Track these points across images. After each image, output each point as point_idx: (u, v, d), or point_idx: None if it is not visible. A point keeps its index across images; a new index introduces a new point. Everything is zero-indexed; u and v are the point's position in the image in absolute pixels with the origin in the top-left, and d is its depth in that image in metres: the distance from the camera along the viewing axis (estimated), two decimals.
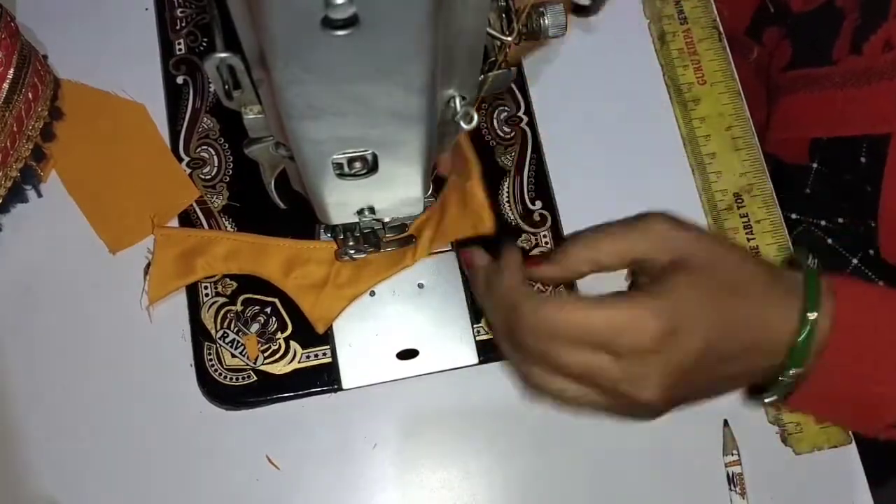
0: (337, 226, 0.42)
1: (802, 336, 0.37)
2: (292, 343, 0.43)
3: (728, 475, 0.43)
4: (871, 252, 0.51)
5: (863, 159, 0.49)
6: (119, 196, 0.45)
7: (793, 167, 0.53)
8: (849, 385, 0.38)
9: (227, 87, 0.31)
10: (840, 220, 0.52)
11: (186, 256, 0.44)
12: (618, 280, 0.43)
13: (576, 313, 0.36)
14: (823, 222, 0.52)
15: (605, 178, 0.47)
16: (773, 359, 0.38)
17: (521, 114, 0.48)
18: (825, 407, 0.41)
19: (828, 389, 0.38)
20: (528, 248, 0.46)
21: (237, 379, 0.43)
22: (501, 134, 0.47)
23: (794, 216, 0.53)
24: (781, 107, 0.55)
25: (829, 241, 0.52)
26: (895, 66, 0.47)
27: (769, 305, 0.38)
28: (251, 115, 0.34)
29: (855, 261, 0.51)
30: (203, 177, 0.46)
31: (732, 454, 0.44)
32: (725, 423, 0.44)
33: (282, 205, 0.44)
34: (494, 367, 0.44)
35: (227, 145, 0.46)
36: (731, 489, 0.43)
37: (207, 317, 0.43)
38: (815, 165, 0.52)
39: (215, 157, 0.46)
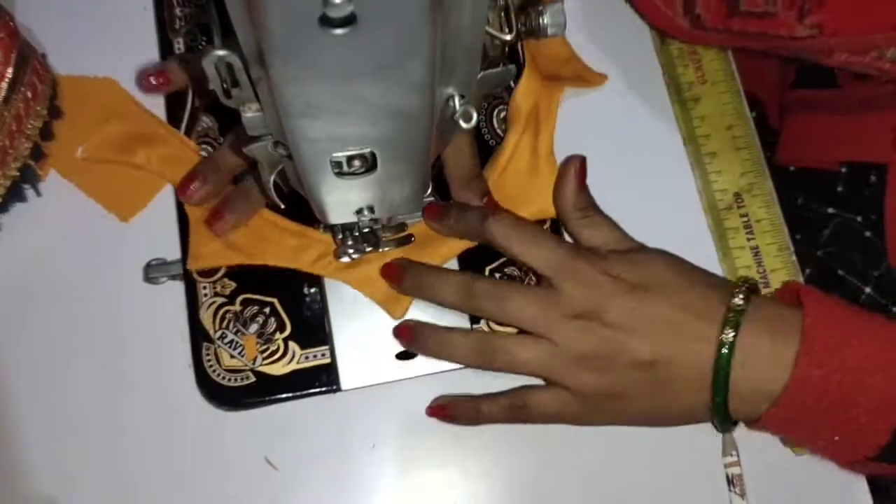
0: (336, 225, 0.42)
1: (721, 358, 0.37)
2: (291, 343, 0.43)
3: (728, 476, 0.43)
4: None
5: (872, 178, 0.49)
6: (117, 166, 0.46)
7: (823, 172, 0.53)
8: (822, 410, 0.37)
9: (225, 85, 0.31)
10: (873, 217, 0.51)
11: (133, 139, 0.45)
12: None
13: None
14: (860, 218, 0.52)
15: (604, 177, 0.47)
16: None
17: None
18: (797, 431, 0.39)
19: (802, 408, 0.37)
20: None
21: (236, 380, 0.43)
22: (501, 133, 0.47)
23: (830, 210, 0.52)
24: (791, 124, 0.55)
25: (867, 233, 0.51)
26: (893, 97, 0.47)
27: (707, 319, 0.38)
28: (249, 114, 0.34)
29: None
30: None
31: (732, 455, 0.44)
32: None
33: (281, 204, 0.44)
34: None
35: None
36: (730, 490, 0.43)
37: (206, 317, 0.43)
38: (843, 170, 0.52)
39: None
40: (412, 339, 0.42)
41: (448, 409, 0.42)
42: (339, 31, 0.23)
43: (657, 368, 0.38)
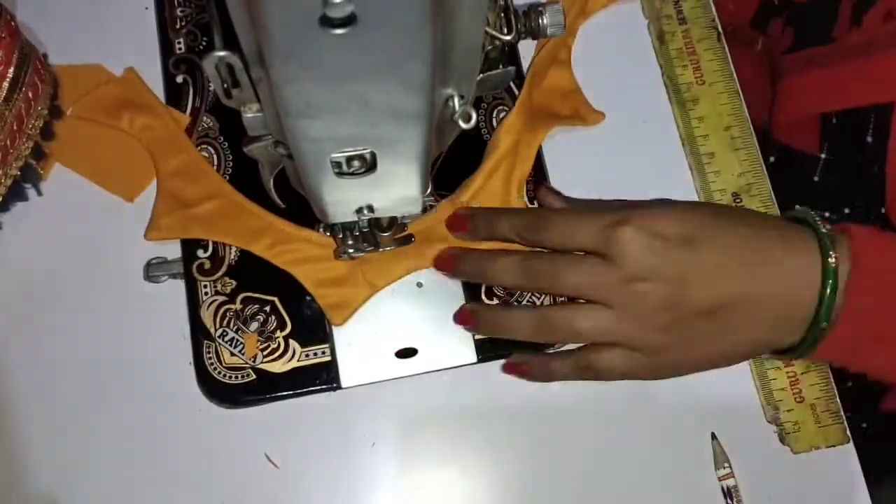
0: (336, 224, 0.42)
1: (829, 284, 0.37)
2: (291, 341, 0.43)
3: (723, 489, 0.43)
4: None
5: (869, 139, 0.49)
6: (116, 151, 0.46)
7: (801, 155, 0.53)
8: (879, 327, 0.37)
9: (225, 85, 0.31)
10: (846, 212, 0.51)
11: (122, 104, 0.46)
12: None
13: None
14: (827, 213, 0.52)
15: (603, 177, 0.47)
16: (796, 312, 0.38)
17: None
18: (854, 355, 0.40)
19: (857, 335, 0.38)
20: None
21: (236, 377, 0.43)
22: None
23: (798, 207, 0.53)
24: (784, 89, 0.55)
25: None
26: (895, 36, 0.47)
27: (788, 250, 0.39)
28: (250, 114, 0.34)
29: None
30: None
31: (724, 467, 0.43)
32: (713, 436, 0.44)
33: (281, 203, 0.44)
34: (493, 366, 0.44)
35: (226, 144, 0.46)
36: (728, 503, 0.43)
37: (207, 315, 0.43)
38: (823, 156, 0.52)
39: (215, 156, 0.46)
40: (475, 323, 0.43)
41: (522, 366, 0.43)
42: (339, 32, 0.23)
43: (721, 313, 0.39)
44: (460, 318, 0.44)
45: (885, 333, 0.38)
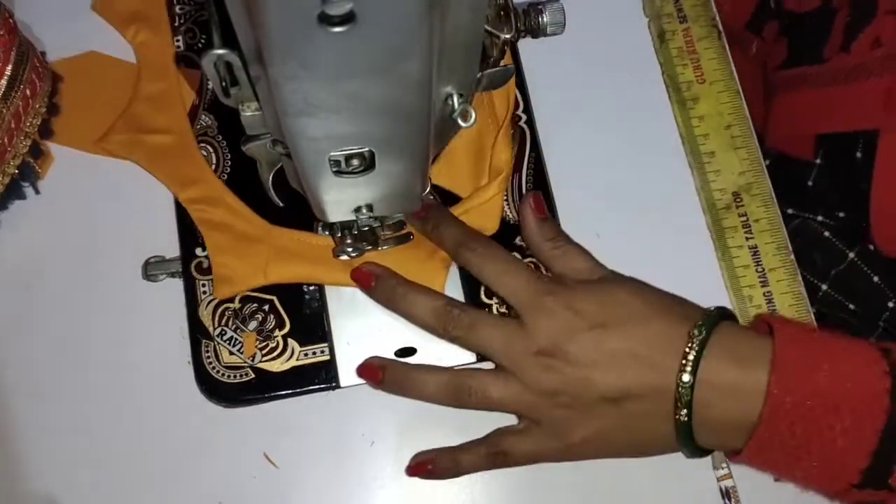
0: (335, 223, 0.42)
1: (683, 390, 0.37)
2: (290, 340, 0.43)
3: (721, 490, 0.43)
4: (871, 247, 0.50)
5: (858, 154, 0.49)
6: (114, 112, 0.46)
7: (797, 161, 0.53)
8: (798, 436, 0.36)
9: (224, 83, 0.31)
10: (840, 215, 0.52)
11: (134, 15, 0.47)
12: None
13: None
14: (820, 217, 0.52)
15: (603, 176, 0.47)
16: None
17: (519, 112, 0.48)
18: (776, 461, 0.38)
19: (778, 440, 0.36)
20: (526, 246, 0.45)
21: (235, 376, 0.43)
22: None
23: (790, 211, 0.53)
24: (777, 105, 0.55)
25: (826, 234, 0.52)
26: (883, 63, 0.48)
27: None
28: (248, 112, 0.34)
29: (851, 255, 0.51)
30: None
31: (722, 468, 0.43)
32: None
33: (279, 202, 0.44)
34: (492, 367, 0.44)
35: (224, 142, 0.46)
36: (725, 503, 0.43)
37: (205, 314, 0.43)
38: (818, 161, 0.52)
39: (213, 155, 0.46)
40: (380, 379, 0.42)
41: (427, 465, 0.42)
42: (337, 29, 0.23)
43: (626, 402, 0.38)
44: (363, 371, 0.42)
45: (807, 436, 0.35)
